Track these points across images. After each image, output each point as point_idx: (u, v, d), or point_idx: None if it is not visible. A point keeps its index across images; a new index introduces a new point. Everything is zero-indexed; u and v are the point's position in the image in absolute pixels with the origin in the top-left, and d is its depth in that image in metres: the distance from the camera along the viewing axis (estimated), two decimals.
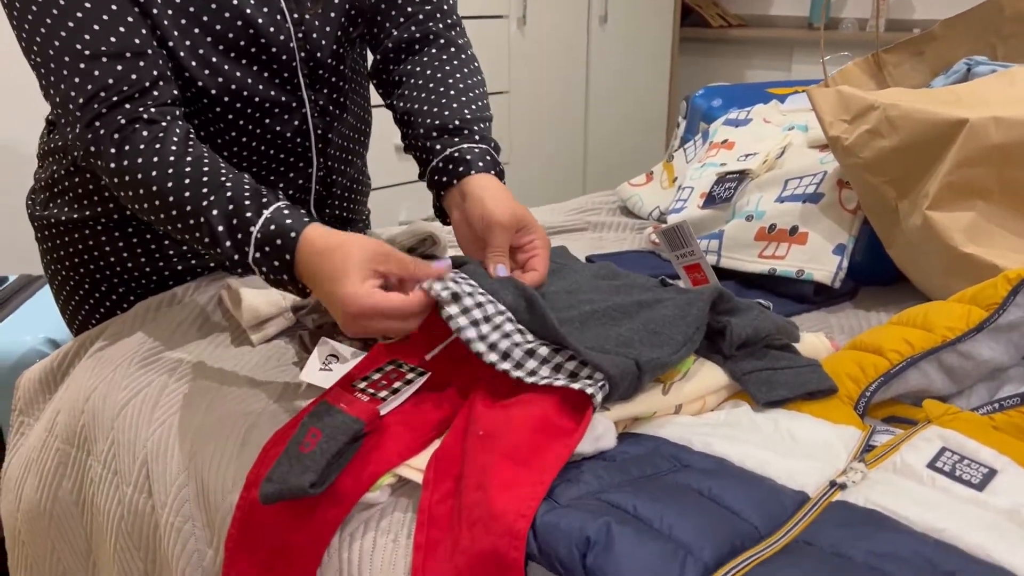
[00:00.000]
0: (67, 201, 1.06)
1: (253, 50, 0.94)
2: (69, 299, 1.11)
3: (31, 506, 0.99)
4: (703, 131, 1.46)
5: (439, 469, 0.67)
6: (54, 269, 1.11)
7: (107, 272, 1.07)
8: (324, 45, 1.00)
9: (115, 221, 1.05)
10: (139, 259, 1.07)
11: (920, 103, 0.96)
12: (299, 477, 0.66)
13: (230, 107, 0.96)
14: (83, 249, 1.06)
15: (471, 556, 0.58)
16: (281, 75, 0.98)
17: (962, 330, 0.73)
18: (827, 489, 0.59)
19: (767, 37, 3.43)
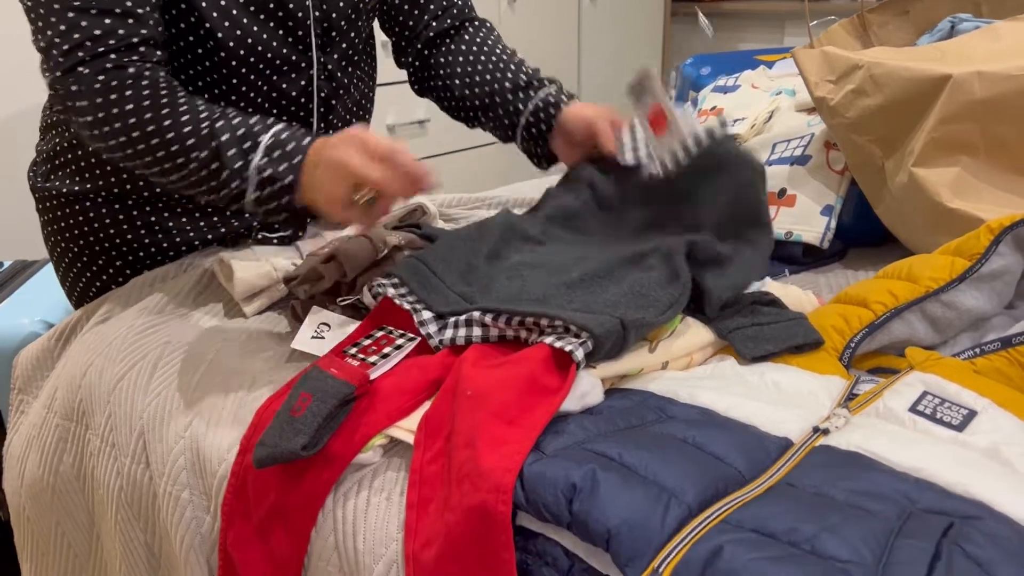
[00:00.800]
0: (68, 174, 1.07)
1: (271, 5, 0.97)
2: (68, 270, 1.12)
3: (34, 482, 1.01)
4: (692, 99, 1.47)
5: (429, 430, 0.68)
6: (54, 240, 1.12)
7: (106, 244, 1.08)
8: (340, 7, 1.03)
9: (114, 195, 1.06)
10: (138, 232, 1.08)
11: (904, 60, 0.96)
12: (291, 440, 0.67)
13: (243, 60, 0.98)
14: (83, 221, 1.08)
15: (461, 512, 0.59)
16: (295, 32, 1.00)
17: (946, 280, 0.73)
18: (810, 435, 0.60)
19: (759, 10, 3.42)
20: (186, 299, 1.01)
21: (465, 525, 0.58)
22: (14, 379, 1.09)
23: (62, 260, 1.13)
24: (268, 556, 0.71)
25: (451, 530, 0.59)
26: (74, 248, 1.10)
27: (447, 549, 0.59)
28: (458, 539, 0.58)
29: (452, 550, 0.58)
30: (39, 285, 1.43)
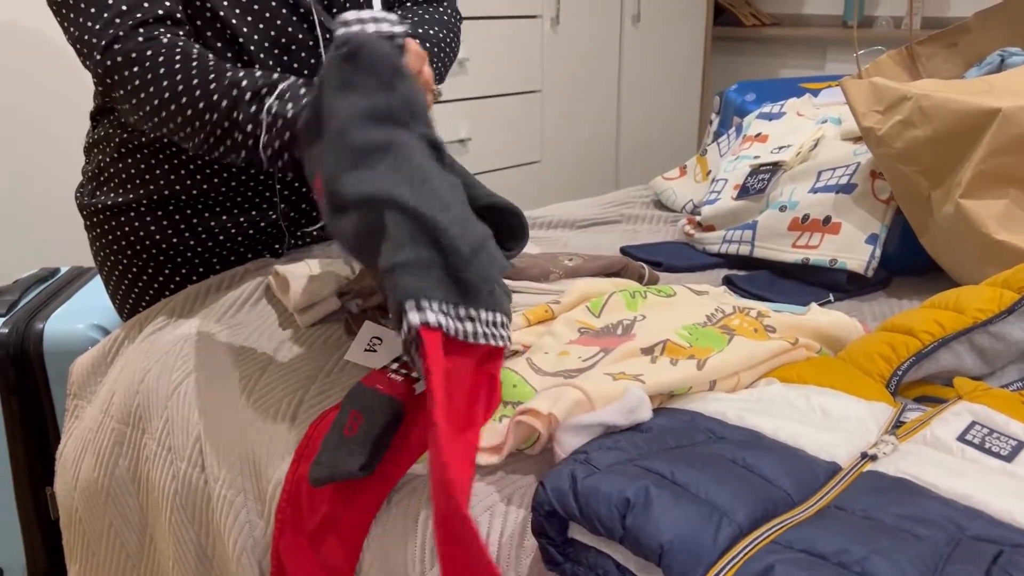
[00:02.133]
0: (113, 187, 1.11)
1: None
2: (119, 284, 1.16)
3: (88, 484, 1.04)
4: (737, 125, 1.48)
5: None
6: (103, 255, 1.16)
7: (153, 251, 1.12)
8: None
9: (156, 202, 1.10)
10: (183, 235, 1.12)
11: (953, 93, 0.97)
12: (347, 461, 0.68)
13: (256, 44, 1.03)
14: (129, 231, 1.12)
15: (439, 524, 0.58)
16: (297, 10, 1.05)
17: (994, 312, 0.74)
18: (858, 460, 0.61)
19: (800, 36, 3.42)
20: (241, 309, 1.04)
21: (446, 534, 0.57)
22: (69, 385, 1.13)
23: (112, 274, 1.16)
24: (320, 565, 0.73)
25: (444, 541, 0.57)
26: (123, 260, 1.14)
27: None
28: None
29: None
30: (94, 291, 1.47)
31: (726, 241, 1.20)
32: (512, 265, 0.93)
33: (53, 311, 1.37)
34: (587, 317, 0.88)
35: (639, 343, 0.77)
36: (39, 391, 1.33)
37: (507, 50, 2.57)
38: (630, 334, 0.81)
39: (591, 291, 0.93)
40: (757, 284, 1.09)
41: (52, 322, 1.34)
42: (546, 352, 0.82)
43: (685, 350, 0.76)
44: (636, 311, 0.88)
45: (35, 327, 1.33)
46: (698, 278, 1.16)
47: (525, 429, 0.68)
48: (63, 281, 1.52)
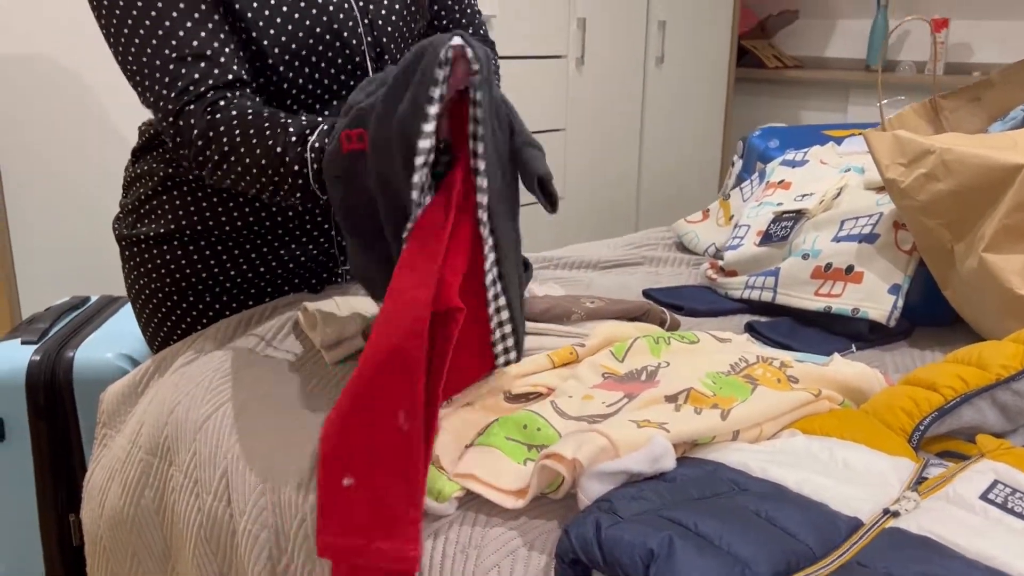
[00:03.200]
0: (154, 219, 1.15)
1: (327, 37, 1.06)
2: (152, 316, 1.19)
3: (114, 513, 1.05)
4: (760, 171, 1.50)
5: None
6: (139, 286, 1.18)
7: (190, 282, 1.15)
8: (389, 32, 1.12)
9: (197, 234, 1.13)
10: (223, 268, 1.15)
11: (976, 148, 0.99)
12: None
13: (305, 91, 1.07)
14: (169, 260, 1.15)
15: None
16: (352, 59, 1.09)
17: (1017, 368, 0.75)
18: (880, 516, 0.62)
19: (823, 79, 3.45)
20: (270, 344, 1.06)
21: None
22: (99, 414, 1.15)
23: (146, 306, 1.19)
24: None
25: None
26: (159, 292, 1.16)
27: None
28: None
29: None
30: (124, 320, 1.50)
31: (748, 287, 1.21)
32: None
33: (83, 340, 1.40)
34: (611, 362, 0.89)
35: (663, 390, 0.78)
36: (67, 418, 1.36)
37: (532, 89, 2.61)
38: (654, 380, 0.82)
39: (615, 335, 0.94)
40: (779, 331, 1.10)
41: (82, 350, 1.36)
42: (570, 396, 0.83)
43: (709, 399, 0.77)
44: (660, 357, 0.90)
45: (65, 355, 1.35)
46: (720, 323, 1.17)
47: (549, 473, 0.70)
48: (93, 310, 1.55)
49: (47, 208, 1.94)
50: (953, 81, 2.94)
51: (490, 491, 0.70)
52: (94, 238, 1.95)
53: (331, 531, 0.69)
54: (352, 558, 0.68)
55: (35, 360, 1.34)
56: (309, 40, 1.04)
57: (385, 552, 0.67)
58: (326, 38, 1.05)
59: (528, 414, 0.78)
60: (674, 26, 3.04)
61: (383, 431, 0.68)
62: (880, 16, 3.29)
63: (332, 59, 1.07)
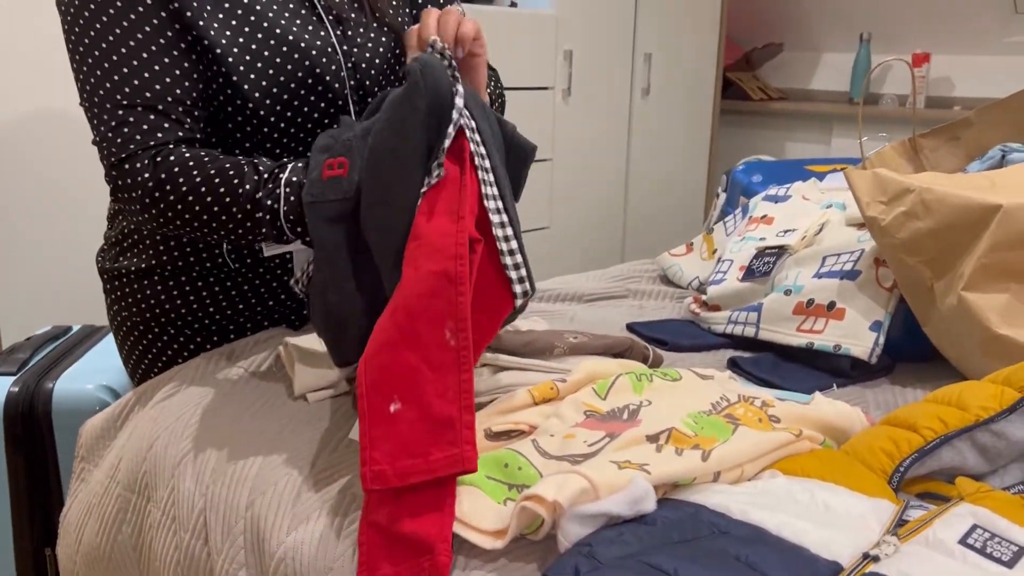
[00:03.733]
0: (135, 253, 1.14)
1: (310, 81, 1.05)
2: (133, 348, 1.18)
3: (91, 549, 1.04)
4: (743, 205, 1.51)
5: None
6: (121, 318, 1.17)
7: (172, 316, 1.14)
8: (372, 75, 1.11)
9: (177, 268, 1.13)
10: (204, 303, 1.14)
11: (955, 187, 1.00)
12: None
13: (286, 134, 1.07)
14: (150, 295, 1.14)
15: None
16: (335, 103, 1.08)
17: (995, 410, 0.75)
18: (860, 560, 0.62)
19: (807, 111, 3.49)
20: (251, 380, 1.05)
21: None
22: (78, 448, 1.13)
23: (128, 338, 1.18)
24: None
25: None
26: (140, 325, 1.15)
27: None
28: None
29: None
30: (105, 351, 1.49)
31: (731, 322, 1.22)
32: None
33: (63, 370, 1.38)
34: (593, 400, 0.89)
35: (644, 430, 0.78)
36: (45, 450, 1.34)
37: (519, 120, 2.62)
38: (636, 420, 0.82)
39: (598, 372, 0.94)
40: (762, 367, 1.10)
41: (62, 382, 1.35)
42: (552, 434, 0.83)
43: (690, 439, 0.77)
44: (642, 395, 0.89)
45: (45, 386, 1.34)
46: (703, 358, 1.17)
47: (529, 515, 0.69)
48: (75, 340, 1.54)
49: (29, 236, 1.93)
50: (934, 115, 2.98)
51: (469, 531, 0.70)
52: (76, 267, 1.94)
53: (379, 461, 0.70)
54: (405, 478, 0.69)
55: (14, 391, 1.33)
56: (291, 84, 1.04)
57: (441, 460, 0.69)
58: (308, 82, 1.05)
59: (509, 453, 0.78)
60: (660, 58, 3.07)
61: (431, 348, 0.73)
62: (863, 50, 3.34)
63: (315, 103, 1.07)
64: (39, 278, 1.94)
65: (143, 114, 0.96)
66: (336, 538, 0.76)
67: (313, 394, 0.99)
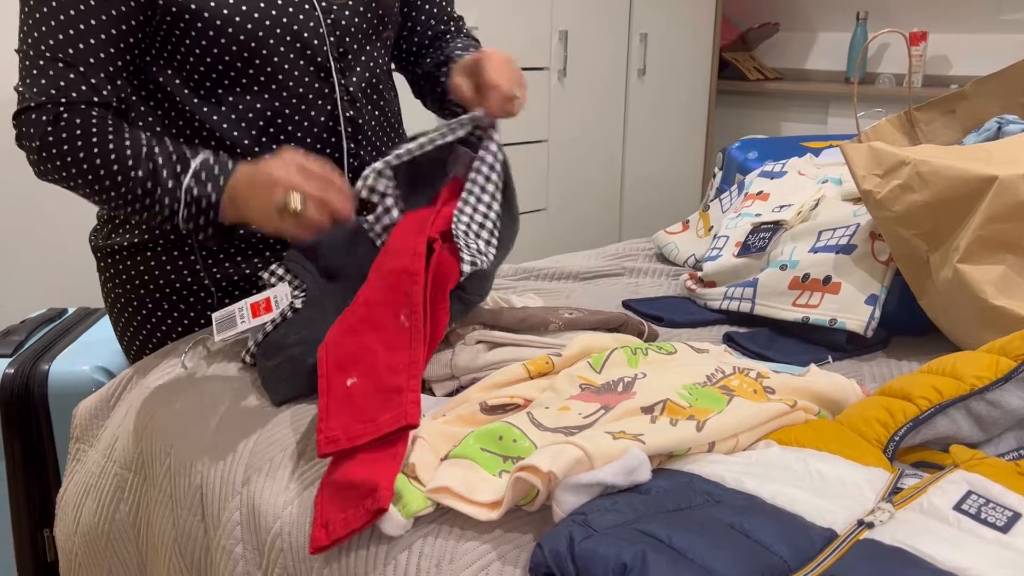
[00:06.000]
0: (129, 228, 1.14)
1: (288, 38, 1.06)
2: (128, 324, 1.18)
3: (89, 529, 1.04)
4: (739, 182, 1.50)
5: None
6: (115, 295, 1.17)
7: (167, 290, 1.14)
8: (352, 32, 1.12)
9: (169, 241, 1.13)
10: (197, 275, 1.14)
11: (951, 160, 0.99)
12: None
13: (270, 91, 1.07)
14: (144, 270, 1.14)
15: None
16: (314, 60, 1.09)
17: (990, 379, 0.75)
18: (855, 527, 0.62)
19: (804, 91, 3.48)
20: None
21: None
22: (73, 429, 1.13)
23: (123, 315, 1.18)
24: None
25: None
26: (135, 301, 1.15)
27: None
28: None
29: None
30: (101, 332, 1.49)
31: (727, 298, 1.21)
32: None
33: (59, 352, 1.38)
34: (588, 373, 0.89)
35: (639, 402, 0.78)
36: (41, 432, 1.34)
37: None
38: (631, 392, 0.82)
39: (593, 346, 0.94)
40: (757, 342, 1.10)
41: (57, 363, 1.35)
42: (547, 407, 0.83)
43: (685, 410, 0.77)
44: (637, 368, 0.89)
45: (40, 368, 1.34)
46: (699, 334, 1.17)
47: (524, 486, 0.69)
48: (70, 322, 1.54)
49: (23, 219, 1.92)
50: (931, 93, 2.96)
51: (463, 504, 0.70)
52: (71, 249, 1.93)
53: (335, 428, 0.76)
54: (355, 440, 0.74)
55: (9, 373, 1.32)
56: (270, 40, 1.04)
57: (387, 420, 0.74)
58: (287, 39, 1.05)
59: (504, 425, 0.77)
60: (656, 38, 3.06)
61: (387, 331, 0.84)
62: (859, 29, 3.32)
63: (294, 61, 1.07)
64: (34, 260, 1.94)
65: (63, 70, 0.97)
66: None
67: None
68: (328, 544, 0.70)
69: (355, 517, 0.69)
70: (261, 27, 1.03)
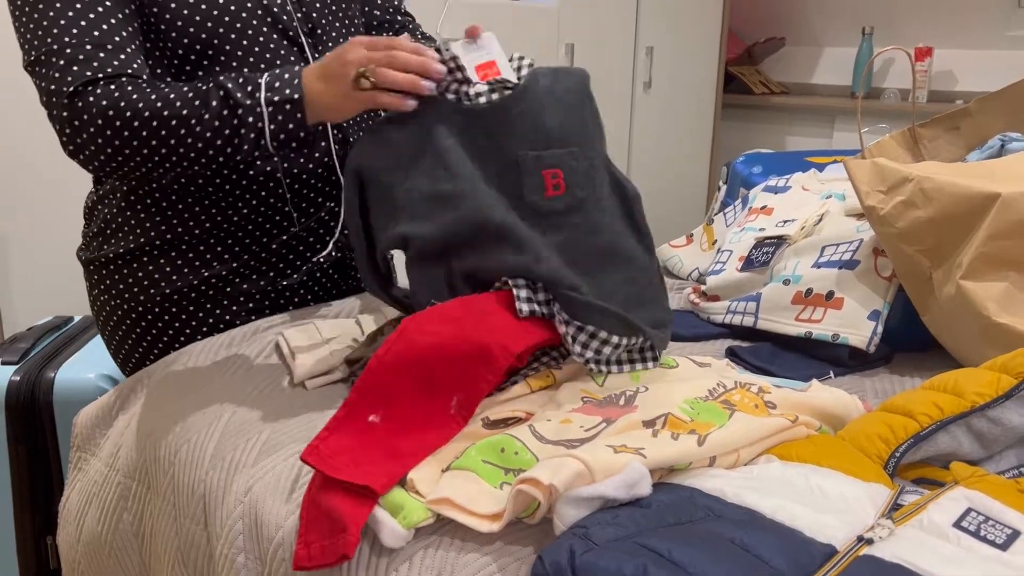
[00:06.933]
0: (123, 235, 1.13)
1: (259, 12, 1.08)
2: (127, 336, 1.17)
3: (92, 537, 1.04)
4: (743, 196, 1.51)
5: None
6: (112, 307, 1.16)
7: (166, 292, 1.13)
8: (318, 7, 1.15)
9: (166, 242, 1.12)
10: (199, 272, 1.14)
11: (954, 176, 1.00)
12: None
13: (247, 65, 1.08)
14: (142, 276, 1.13)
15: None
16: (286, 34, 1.11)
17: (991, 396, 0.75)
18: (855, 543, 0.62)
19: (809, 105, 3.49)
20: (249, 369, 1.06)
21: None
22: (73, 437, 1.13)
23: (119, 327, 1.16)
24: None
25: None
26: (133, 312, 1.15)
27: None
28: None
29: None
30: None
31: (730, 312, 1.22)
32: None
33: (65, 360, 1.39)
34: (591, 385, 0.89)
35: (641, 415, 0.79)
36: (46, 439, 1.35)
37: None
38: (632, 405, 0.82)
39: None
40: (760, 356, 1.10)
41: (63, 371, 1.36)
42: (548, 419, 0.83)
43: (686, 424, 0.77)
44: (639, 382, 0.90)
45: (46, 376, 1.35)
46: (702, 347, 1.17)
47: (525, 498, 0.69)
48: (76, 330, 1.55)
49: (30, 227, 1.94)
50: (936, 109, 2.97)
51: (464, 515, 0.70)
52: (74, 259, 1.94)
53: (329, 445, 0.75)
54: (333, 470, 0.72)
55: (15, 380, 1.33)
56: (242, 14, 1.06)
57: (367, 475, 0.71)
58: (257, 14, 1.07)
59: (506, 437, 0.78)
60: (662, 52, 3.07)
61: (433, 408, 0.78)
62: (865, 44, 3.33)
63: (268, 35, 1.09)
64: (40, 268, 1.95)
65: (93, 51, 0.96)
66: None
67: (312, 380, 0.99)
68: (310, 567, 0.70)
69: (330, 551, 0.70)
70: (229, 6, 1.05)
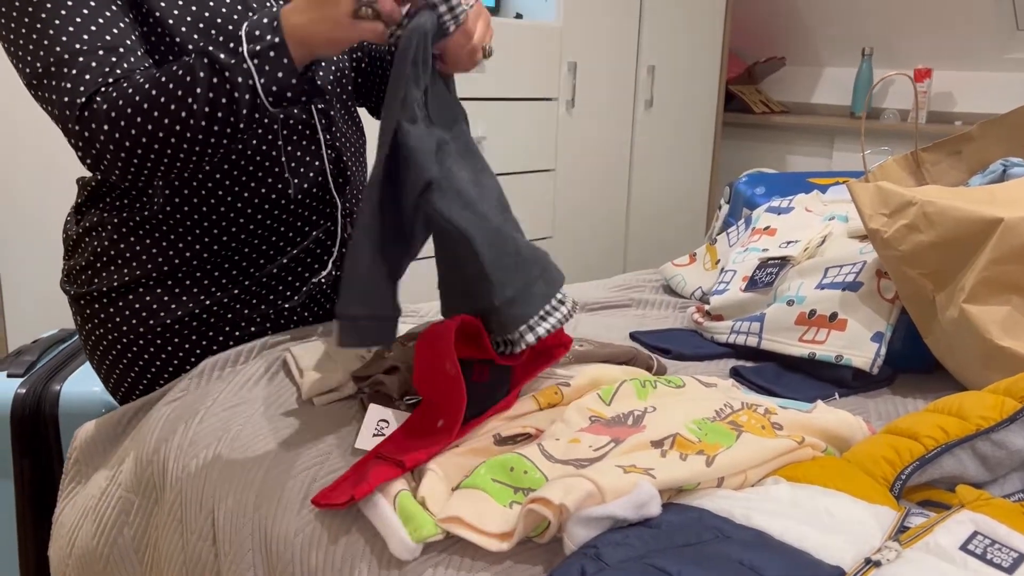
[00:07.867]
0: (117, 268, 1.10)
1: (236, 18, 1.05)
2: (114, 366, 1.14)
3: (86, 552, 1.04)
4: (746, 217, 1.52)
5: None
6: (108, 341, 1.12)
7: (166, 323, 1.10)
8: None
9: (165, 273, 1.09)
10: (199, 300, 1.11)
11: (956, 201, 1.01)
12: None
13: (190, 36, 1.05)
14: (140, 308, 1.09)
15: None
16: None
17: (996, 420, 0.76)
18: (862, 565, 0.63)
19: (809, 125, 3.51)
20: (256, 385, 1.06)
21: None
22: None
23: (109, 357, 1.13)
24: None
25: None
26: (123, 343, 1.11)
27: None
28: None
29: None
30: None
31: (734, 332, 1.23)
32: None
33: (70, 373, 1.39)
34: (598, 405, 0.90)
35: (649, 435, 0.79)
36: (51, 452, 1.35)
37: (524, 130, 2.65)
38: (640, 425, 0.83)
39: (602, 377, 0.95)
40: (764, 376, 1.11)
41: (69, 384, 1.36)
42: (557, 439, 0.84)
43: (694, 445, 0.78)
44: (646, 401, 0.90)
45: (52, 388, 1.35)
46: (706, 367, 1.18)
47: (535, 517, 0.70)
48: (80, 345, 1.55)
49: (35, 240, 1.94)
50: (935, 130, 3.00)
51: (474, 534, 0.70)
52: None
53: (397, 446, 0.84)
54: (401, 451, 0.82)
55: (21, 393, 1.33)
56: (228, 26, 1.04)
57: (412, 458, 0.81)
58: (234, 18, 1.05)
59: (515, 456, 0.78)
60: (663, 71, 3.09)
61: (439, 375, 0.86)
62: (865, 65, 3.36)
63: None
64: (46, 281, 1.95)
65: (104, 55, 0.94)
66: (343, 540, 0.77)
67: (320, 397, 1.00)
68: (322, 504, 0.79)
69: (341, 492, 0.79)
70: (218, 13, 1.04)
